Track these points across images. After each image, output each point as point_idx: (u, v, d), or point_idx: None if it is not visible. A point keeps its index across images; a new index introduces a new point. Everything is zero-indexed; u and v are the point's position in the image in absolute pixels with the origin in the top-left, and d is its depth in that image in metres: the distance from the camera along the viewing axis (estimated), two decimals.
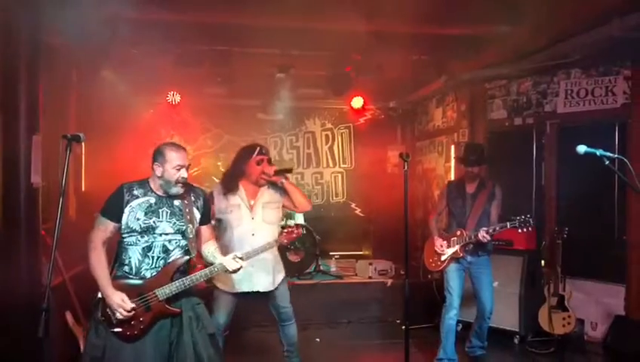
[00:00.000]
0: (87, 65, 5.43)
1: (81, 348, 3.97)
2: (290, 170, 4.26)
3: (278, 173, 3.85)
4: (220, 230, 3.79)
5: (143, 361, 2.80)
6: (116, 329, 2.80)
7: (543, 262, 5.60)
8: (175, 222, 2.95)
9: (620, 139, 5.20)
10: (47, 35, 4.07)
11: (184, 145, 8.12)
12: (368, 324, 5.90)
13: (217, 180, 7.37)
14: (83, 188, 5.79)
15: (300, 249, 6.51)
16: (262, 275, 3.81)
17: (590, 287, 5.34)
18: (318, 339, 5.37)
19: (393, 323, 5.81)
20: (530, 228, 4.15)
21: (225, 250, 3.60)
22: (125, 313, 2.77)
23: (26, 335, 2.70)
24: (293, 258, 6.40)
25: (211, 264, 3.08)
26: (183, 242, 2.97)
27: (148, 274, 2.89)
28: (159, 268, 2.90)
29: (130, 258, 2.89)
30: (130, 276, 2.88)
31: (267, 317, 4.24)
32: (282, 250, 4.28)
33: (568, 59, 5.20)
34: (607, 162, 2.71)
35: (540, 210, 5.76)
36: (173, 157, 2.92)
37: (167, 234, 2.92)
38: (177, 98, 7.13)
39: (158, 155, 2.96)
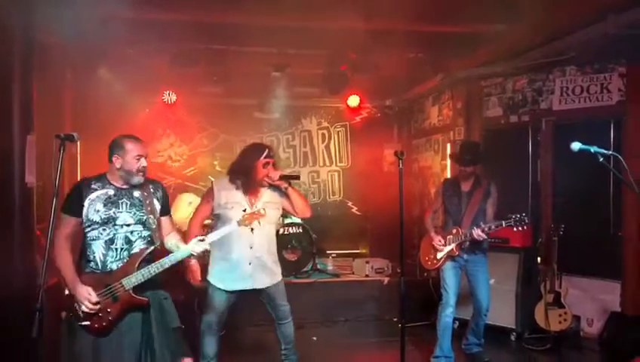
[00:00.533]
0: (82, 64, 5.41)
1: None
2: (297, 177, 4.26)
3: (282, 178, 3.83)
4: (218, 225, 3.73)
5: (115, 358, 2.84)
6: (84, 323, 2.83)
7: (539, 259, 5.61)
8: (135, 213, 2.98)
9: (616, 136, 5.22)
10: (41, 34, 4.06)
11: (181, 144, 8.18)
12: (365, 322, 5.90)
13: (213, 179, 7.42)
14: None
15: (297, 248, 6.50)
16: (259, 273, 3.79)
17: (586, 284, 5.35)
18: (314, 338, 5.37)
19: (390, 321, 5.81)
20: (525, 227, 4.16)
21: (222, 246, 3.66)
22: (91, 305, 2.80)
23: (21, 335, 2.68)
24: (290, 257, 6.40)
25: None
26: (145, 233, 3.00)
27: (114, 267, 2.91)
28: (124, 260, 2.93)
29: (94, 253, 2.92)
30: (97, 271, 2.91)
31: (264, 316, 4.22)
32: (279, 248, 4.26)
33: (564, 57, 5.21)
34: (601, 159, 2.72)
35: (535, 208, 5.78)
36: (131, 147, 2.97)
37: (128, 225, 2.95)
38: (173, 97, 7.12)
39: (115, 147, 3.00)
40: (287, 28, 4.92)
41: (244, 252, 3.73)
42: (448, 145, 6.83)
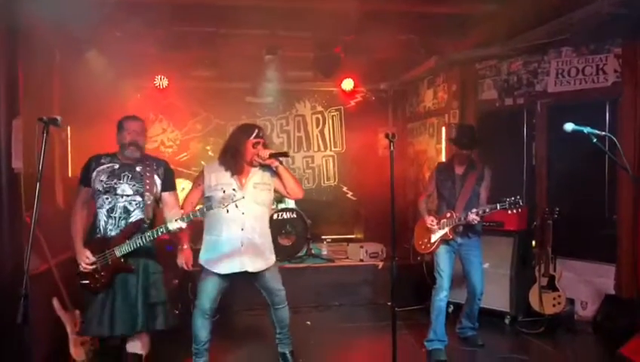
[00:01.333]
0: (70, 47, 5.30)
1: (69, 334, 3.95)
2: (285, 154, 4.20)
3: (272, 156, 3.79)
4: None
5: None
6: (84, 282, 3.30)
7: (533, 242, 5.60)
8: (135, 184, 3.34)
9: (611, 118, 5.17)
10: (26, 16, 3.96)
11: (174, 130, 8.09)
12: (359, 307, 5.90)
13: (205, 164, 7.36)
14: (70, 174, 5.70)
15: (291, 233, 6.48)
16: (251, 256, 3.76)
17: (580, 267, 5.34)
18: (308, 322, 5.36)
19: (384, 306, 5.79)
20: (519, 210, 4.13)
21: (214, 229, 3.77)
22: (86, 266, 3.26)
23: (10, 322, 2.67)
24: (284, 242, 6.37)
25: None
26: (144, 204, 3.33)
27: (113, 234, 3.30)
28: (121, 228, 3.30)
29: (99, 221, 3.32)
30: (100, 237, 3.31)
31: (257, 301, 4.22)
32: (273, 233, 4.23)
33: (559, 38, 5.13)
34: (594, 140, 2.68)
35: (530, 191, 5.75)
36: (126, 125, 3.39)
37: (127, 195, 3.31)
38: (165, 82, 7.02)
39: (118, 127, 3.43)
40: (278, 9, 4.83)
41: (235, 234, 3.72)
42: (443, 129, 6.78)
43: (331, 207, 8.16)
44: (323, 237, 7.43)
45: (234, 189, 3.59)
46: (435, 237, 4.47)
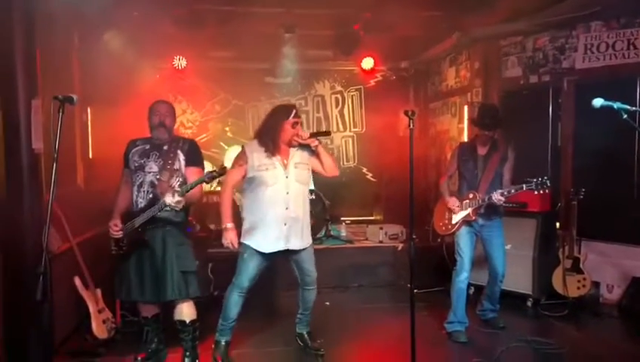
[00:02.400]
0: (88, 28, 5.30)
1: (91, 311, 4.02)
2: (327, 133, 4.31)
3: (313, 135, 3.85)
4: (252, 187, 3.81)
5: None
6: (113, 248, 3.59)
7: (557, 224, 5.48)
8: (161, 162, 3.55)
9: None
10: None
11: (193, 111, 8.11)
12: (379, 288, 5.87)
13: (226, 146, 7.36)
14: (91, 155, 5.75)
15: (310, 214, 6.43)
16: (293, 234, 3.81)
17: (607, 249, 5.21)
18: (327, 303, 5.36)
19: (404, 287, 5.72)
20: (547, 190, 4.02)
21: (258, 209, 3.80)
22: (114, 232, 3.53)
23: (33, 300, 2.71)
24: None
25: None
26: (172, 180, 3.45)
27: (141, 206, 3.54)
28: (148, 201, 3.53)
29: (134, 196, 3.58)
30: (134, 210, 3.56)
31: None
32: None
33: (588, 11, 4.94)
34: (624, 115, 2.56)
35: (555, 171, 5.59)
36: (154, 108, 3.63)
37: (154, 171, 3.53)
38: (183, 62, 6.99)
39: (148, 111, 3.66)
40: None
41: (280, 213, 3.75)
42: (466, 108, 6.64)
43: (351, 188, 8.07)
44: (342, 218, 7.39)
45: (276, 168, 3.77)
46: (456, 219, 4.39)
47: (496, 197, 4.11)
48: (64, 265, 4.02)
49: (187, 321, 3.61)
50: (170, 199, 3.27)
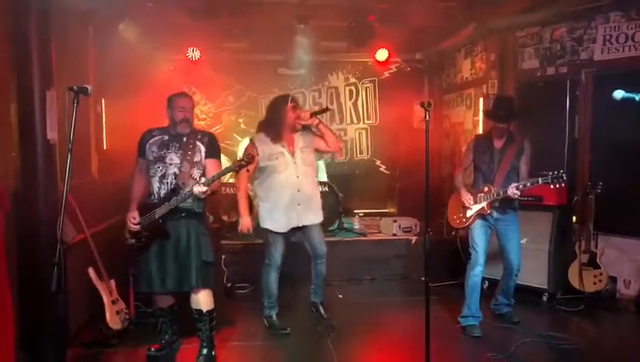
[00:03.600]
0: (103, 19, 5.31)
1: (105, 302, 4.04)
2: (326, 110, 4.57)
3: (314, 114, 4.19)
4: (265, 175, 4.18)
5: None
6: (131, 241, 3.60)
7: (574, 218, 5.40)
8: (181, 153, 3.56)
9: None
10: None
11: (206, 102, 8.14)
12: (392, 281, 5.85)
13: (240, 138, 7.36)
14: (105, 147, 5.77)
15: (323, 206, 6.42)
16: (307, 212, 4.23)
17: (624, 244, 5.13)
18: (340, 295, 5.35)
19: (417, 281, 5.72)
20: (563, 184, 3.95)
21: (272, 195, 4.17)
22: (132, 226, 3.54)
23: (47, 291, 2.73)
24: None
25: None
26: (193, 171, 3.53)
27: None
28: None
29: (153, 187, 3.59)
30: (154, 201, 3.55)
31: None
32: None
33: (607, 2, 4.84)
34: None
35: (572, 165, 5.51)
36: (176, 102, 3.62)
37: (175, 163, 3.55)
38: (197, 54, 6.97)
39: (168, 103, 3.67)
40: None
41: (293, 195, 4.15)
42: (481, 100, 6.55)
43: (364, 180, 8.06)
44: (355, 211, 7.37)
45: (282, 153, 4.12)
46: (471, 212, 4.34)
47: (512, 191, 4.05)
48: (78, 255, 4.05)
49: (204, 310, 3.61)
50: (197, 189, 3.32)
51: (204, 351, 3.65)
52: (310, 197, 4.25)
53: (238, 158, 3.47)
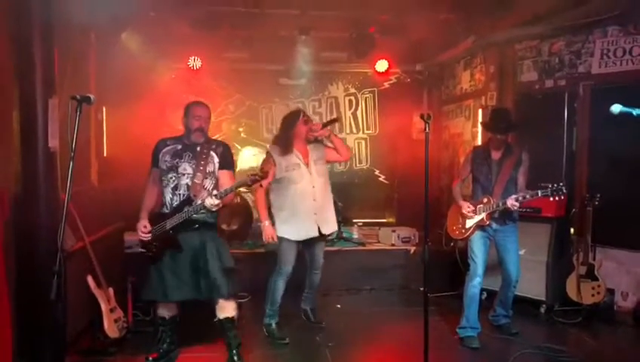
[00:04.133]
0: (106, 28, 5.34)
1: (103, 310, 4.04)
2: (335, 120, 5.09)
3: (325, 125, 4.40)
4: (282, 187, 4.29)
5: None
6: (141, 250, 3.65)
7: (572, 229, 5.41)
8: (194, 163, 3.54)
9: None
10: None
11: None
12: (391, 291, 5.85)
13: (239, 147, 7.38)
14: (105, 154, 5.79)
15: None
16: (322, 221, 4.35)
17: (622, 256, 5.14)
18: (339, 306, 5.35)
19: (416, 291, 5.73)
20: (562, 197, 3.97)
21: (289, 204, 4.27)
22: (143, 235, 3.56)
23: (47, 299, 2.73)
24: None
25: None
26: (206, 182, 3.55)
27: None
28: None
29: (165, 197, 3.59)
30: (165, 211, 3.56)
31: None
32: None
33: (605, 16, 4.89)
34: None
35: (570, 176, 5.53)
36: (193, 110, 3.61)
37: (188, 173, 3.53)
38: (198, 63, 7.00)
39: (184, 111, 3.66)
40: None
41: (309, 205, 4.29)
42: (480, 111, 6.59)
43: (363, 190, 8.08)
44: (354, 220, 7.37)
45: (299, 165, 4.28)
46: (470, 223, 4.36)
47: (511, 202, 4.07)
48: (77, 263, 4.05)
49: (230, 317, 3.65)
50: (209, 202, 3.33)
51: (235, 357, 3.71)
52: (325, 207, 4.41)
53: (252, 173, 3.43)
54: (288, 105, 7.85)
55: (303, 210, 4.29)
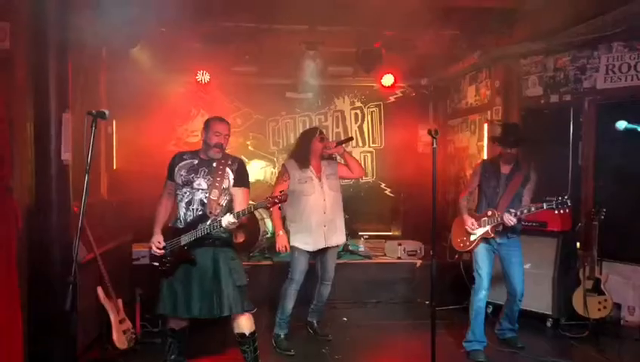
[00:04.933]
0: (116, 43, 5.44)
1: (112, 321, 4.08)
2: (350, 139, 5.36)
3: (339, 143, 4.61)
4: (294, 198, 4.38)
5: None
6: (154, 263, 3.60)
7: (578, 244, 5.43)
8: (210, 179, 3.51)
9: None
10: (75, 14, 4.07)
11: None
12: (397, 305, 5.86)
13: (247, 160, 7.45)
14: (115, 167, 5.87)
15: None
16: (332, 233, 4.51)
17: (629, 271, 5.14)
18: (345, 319, 5.36)
19: (422, 304, 5.75)
20: (567, 210, 3.99)
21: (301, 216, 4.42)
22: (156, 250, 3.53)
23: (60, 310, 2.78)
24: None
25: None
26: (221, 199, 3.51)
27: None
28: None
29: (179, 211, 3.57)
30: (179, 226, 3.53)
31: None
32: None
33: (610, 32, 4.94)
34: None
35: (576, 191, 5.56)
36: (213, 126, 3.56)
37: (203, 189, 3.50)
38: (207, 77, 7.10)
39: (204, 125, 3.64)
40: (318, 4, 4.81)
41: (320, 217, 4.43)
42: (485, 126, 6.64)
43: (369, 203, 8.12)
44: (360, 233, 7.40)
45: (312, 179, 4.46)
46: (475, 236, 4.38)
47: (507, 217, 4.10)
48: (87, 275, 4.10)
49: (247, 333, 3.57)
50: (227, 220, 3.30)
51: None
52: (335, 220, 4.54)
53: (271, 195, 3.43)
54: (295, 119, 7.92)
55: (314, 222, 4.42)
